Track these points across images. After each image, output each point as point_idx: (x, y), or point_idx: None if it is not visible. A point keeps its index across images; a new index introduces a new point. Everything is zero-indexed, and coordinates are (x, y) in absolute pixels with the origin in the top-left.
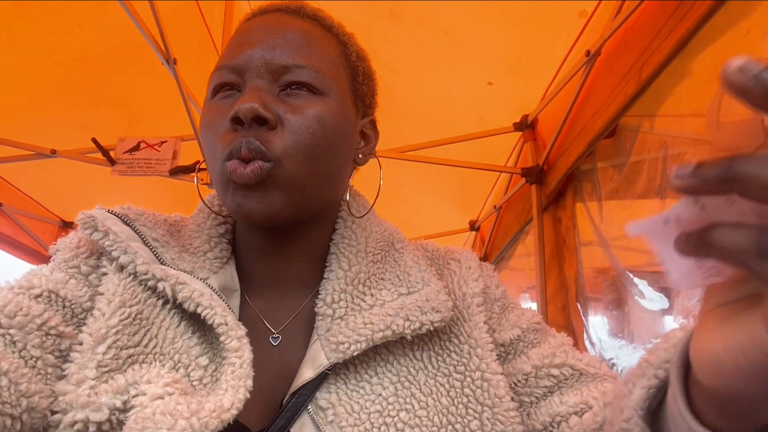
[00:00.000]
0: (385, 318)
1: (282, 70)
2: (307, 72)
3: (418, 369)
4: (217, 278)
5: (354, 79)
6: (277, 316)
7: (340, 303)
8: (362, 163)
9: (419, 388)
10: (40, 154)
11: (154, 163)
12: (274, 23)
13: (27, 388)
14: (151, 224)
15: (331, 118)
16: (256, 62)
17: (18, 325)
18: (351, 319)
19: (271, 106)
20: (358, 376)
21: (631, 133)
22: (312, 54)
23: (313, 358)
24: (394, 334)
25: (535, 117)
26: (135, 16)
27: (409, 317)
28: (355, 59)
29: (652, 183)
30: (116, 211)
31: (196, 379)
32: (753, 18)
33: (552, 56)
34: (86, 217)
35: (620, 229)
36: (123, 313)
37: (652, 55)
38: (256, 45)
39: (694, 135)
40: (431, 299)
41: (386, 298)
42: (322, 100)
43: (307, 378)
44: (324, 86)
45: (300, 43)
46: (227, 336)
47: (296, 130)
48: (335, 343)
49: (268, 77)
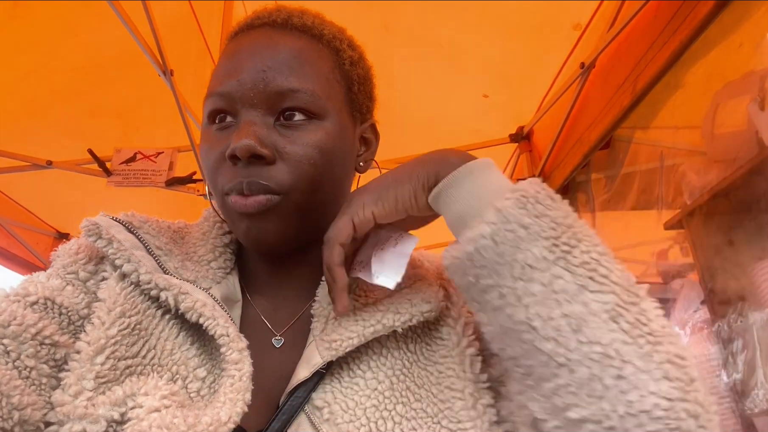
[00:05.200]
0: (376, 313)
1: (275, 96)
2: (301, 96)
3: (413, 362)
4: (220, 288)
5: (349, 89)
6: (279, 319)
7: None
8: (364, 171)
9: (413, 380)
10: (36, 165)
11: (150, 174)
12: (262, 43)
13: (19, 400)
14: (155, 232)
15: (330, 143)
16: (248, 91)
17: (12, 334)
18: (344, 318)
19: (268, 140)
20: (351, 373)
21: (625, 145)
22: (304, 75)
23: (308, 358)
24: (384, 328)
25: (531, 129)
26: (132, 28)
27: (399, 310)
28: (348, 67)
29: (646, 194)
30: (120, 219)
31: (194, 391)
32: (746, 30)
33: (547, 68)
34: (90, 224)
35: (615, 240)
36: (122, 323)
37: (646, 67)
38: (245, 71)
39: (688, 146)
40: (422, 291)
41: (379, 296)
42: (319, 126)
43: (302, 377)
44: (319, 108)
45: (291, 65)
46: (228, 347)
47: (296, 162)
48: (329, 341)
49: (261, 106)
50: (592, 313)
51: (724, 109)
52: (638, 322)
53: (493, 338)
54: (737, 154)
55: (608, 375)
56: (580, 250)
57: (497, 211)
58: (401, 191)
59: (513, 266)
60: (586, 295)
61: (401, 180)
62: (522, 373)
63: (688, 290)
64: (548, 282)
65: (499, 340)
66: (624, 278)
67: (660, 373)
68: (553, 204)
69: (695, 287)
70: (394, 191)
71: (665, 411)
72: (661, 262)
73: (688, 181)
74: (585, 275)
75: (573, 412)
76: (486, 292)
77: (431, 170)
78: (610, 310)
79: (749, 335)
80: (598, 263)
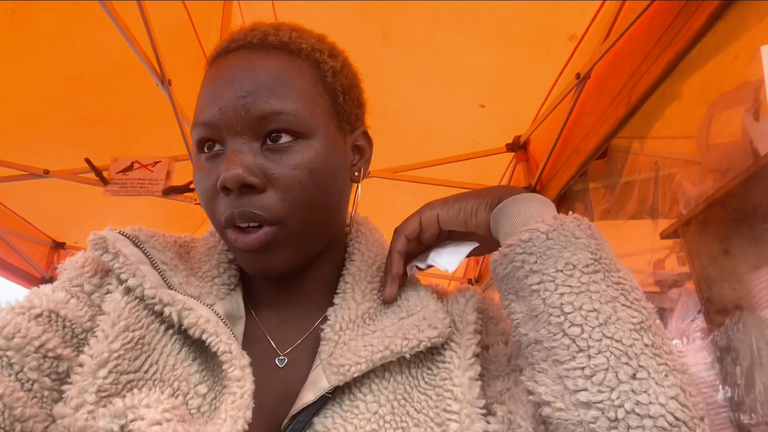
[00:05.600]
0: (384, 339)
1: (258, 121)
2: (285, 117)
3: (414, 386)
4: (224, 305)
5: (334, 101)
6: (285, 338)
7: (346, 331)
8: (359, 180)
9: (413, 404)
10: (33, 175)
11: (147, 183)
12: (240, 67)
13: (22, 412)
14: (161, 246)
15: (319, 162)
16: (231, 119)
17: (15, 347)
18: (353, 343)
19: (256, 167)
20: (352, 396)
21: (623, 154)
22: (285, 95)
23: (314, 381)
24: (392, 354)
25: (527, 138)
26: (130, 38)
27: (406, 336)
28: (331, 79)
29: (644, 204)
30: (127, 233)
31: (195, 408)
32: (741, 43)
33: (543, 79)
34: (98, 238)
35: (617, 248)
36: (126, 337)
37: (641, 78)
38: (225, 98)
39: (684, 156)
40: (428, 317)
41: (387, 323)
42: (306, 145)
43: (308, 401)
44: (305, 127)
45: (271, 86)
46: (230, 364)
47: (287, 187)
48: (336, 366)
49: (246, 133)
50: (619, 318)
51: (718, 119)
52: (660, 345)
53: (522, 323)
54: (732, 163)
55: (624, 371)
56: (618, 275)
57: (555, 218)
58: (465, 204)
59: (558, 260)
60: (617, 304)
61: (469, 197)
62: (540, 357)
63: (686, 299)
64: (586, 282)
65: (527, 324)
66: (652, 311)
67: (672, 392)
68: (602, 238)
69: (693, 296)
70: (460, 203)
71: (669, 425)
72: (658, 271)
73: (683, 191)
74: (619, 290)
75: (582, 395)
76: (528, 277)
77: (496, 193)
78: (636, 324)
79: (747, 345)
80: (632, 289)
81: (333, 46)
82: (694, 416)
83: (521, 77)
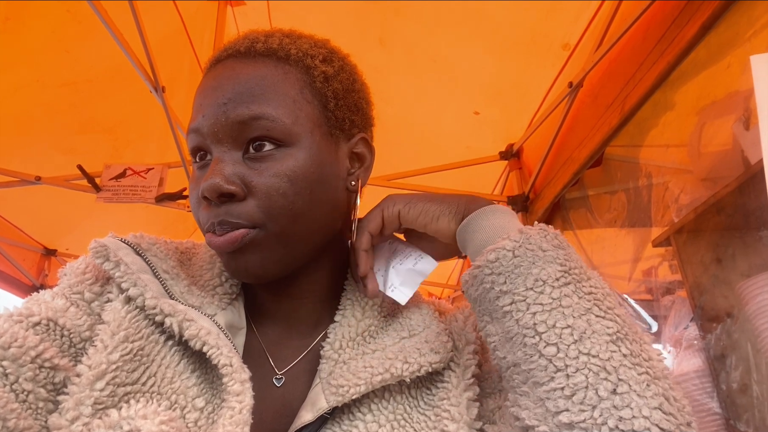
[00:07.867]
0: (384, 361)
1: (238, 127)
2: (264, 123)
3: (413, 407)
4: (225, 315)
5: (324, 107)
6: (283, 355)
7: (346, 350)
8: (356, 190)
9: (412, 425)
10: (25, 181)
11: (140, 190)
12: (225, 76)
13: (15, 424)
14: (163, 255)
15: (301, 171)
16: (212, 126)
17: (11, 357)
18: (353, 363)
19: (235, 176)
20: (351, 416)
21: (618, 163)
22: (266, 100)
23: (313, 401)
24: (392, 377)
25: (520, 146)
26: (124, 44)
27: (407, 359)
28: (321, 84)
29: (638, 212)
30: (129, 241)
31: (192, 422)
32: (734, 52)
33: (537, 87)
34: (99, 245)
35: (610, 256)
36: (125, 348)
37: (634, 87)
38: (208, 106)
39: (676, 164)
40: (430, 341)
41: (388, 343)
42: (287, 154)
43: (306, 421)
44: (285, 133)
45: (252, 92)
46: (230, 378)
47: (265, 195)
48: (336, 386)
49: (227, 141)
50: (594, 331)
51: (710, 128)
52: (639, 353)
53: (498, 346)
54: (723, 172)
55: (603, 387)
56: (590, 284)
57: (521, 232)
58: (429, 207)
59: (527, 278)
60: (591, 317)
61: (434, 200)
62: (519, 381)
63: (679, 307)
64: (557, 297)
65: (504, 347)
66: (628, 317)
67: (655, 402)
68: (569, 246)
69: (685, 304)
70: (423, 204)
71: None
72: (651, 279)
73: (675, 199)
74: (591, 301)
75: (564, 417)
76: (498, 298)
77: (462, 202)
78: (612, 334)
79: (739, 352)
80: (604, 297)
81: (330, 51)
82: (680, 423)
83: (515, 85)
